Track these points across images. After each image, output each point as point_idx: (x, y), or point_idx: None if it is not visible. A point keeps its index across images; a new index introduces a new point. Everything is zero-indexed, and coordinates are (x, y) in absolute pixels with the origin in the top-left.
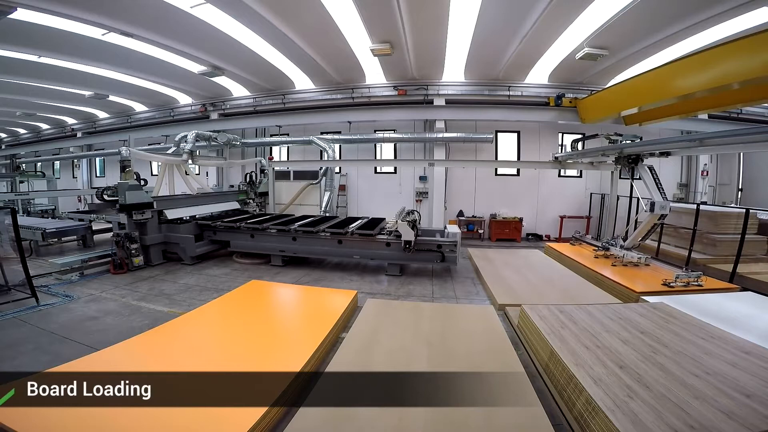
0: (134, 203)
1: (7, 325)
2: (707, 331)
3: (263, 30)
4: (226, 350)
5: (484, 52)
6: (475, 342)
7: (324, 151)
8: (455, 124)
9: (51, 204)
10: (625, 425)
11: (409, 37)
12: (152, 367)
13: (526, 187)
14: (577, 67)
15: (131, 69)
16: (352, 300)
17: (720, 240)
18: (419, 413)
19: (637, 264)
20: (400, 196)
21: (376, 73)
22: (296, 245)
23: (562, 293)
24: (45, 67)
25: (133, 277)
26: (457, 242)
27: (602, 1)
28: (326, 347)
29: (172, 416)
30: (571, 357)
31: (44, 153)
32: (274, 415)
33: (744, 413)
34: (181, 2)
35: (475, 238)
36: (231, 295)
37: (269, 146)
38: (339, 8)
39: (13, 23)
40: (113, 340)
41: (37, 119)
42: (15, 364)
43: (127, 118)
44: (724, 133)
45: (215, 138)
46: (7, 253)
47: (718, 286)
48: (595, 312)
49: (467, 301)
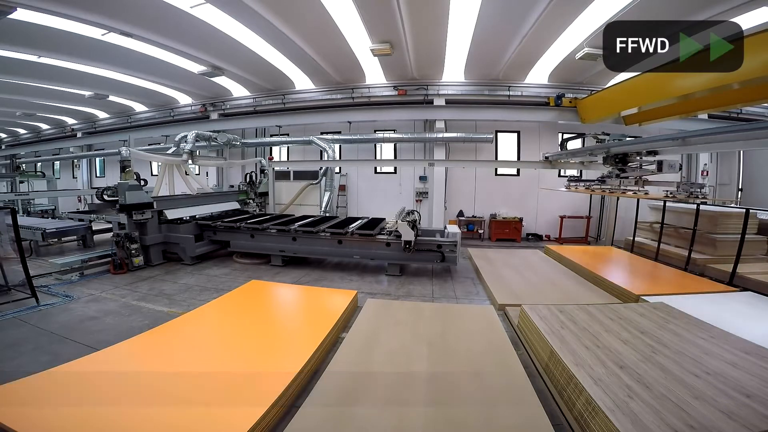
0: (134, 203)
1: (7, 325)
2: (707, 331)
3: (263, 30)
4: (226, 350)
5: (484, 52)
6: (475, 342)
7: (324, 151)
8: (455, 124)
9: (51, 204)
10: (625, 425)
11: (409, 37)
12: (152, 367)
13: (526, 187)
14: (577, 67)
15: (131, 69)
16: (352, 300)
17: (720, 240)
18: (419, 413)
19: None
20: (400, 196)
21: (376, 73)
22: (296, 245)
23: (562, 293)
24: (45, 67)
25: (133, 277)
26: (457, 242)
27: (602, 1)
28: (326, 347)
29: (172, 416)
30: (571, 357)
31: (44, 153)
32: (274, 415)
33: (744, 413)
34: (181, 2)
35: (475, 238)
36: (231, 295)
37: (269, 146)
38: (339, 8)
39: (13, 23)
40: (113, 340)
41: (37, 119)
42: (15, 364)
43: (127, 118)
44: (705, 131)
45: (215, 138)
46: (7, 253)
47: (718, 287)
48: (595, 312)
49: (467, 301)
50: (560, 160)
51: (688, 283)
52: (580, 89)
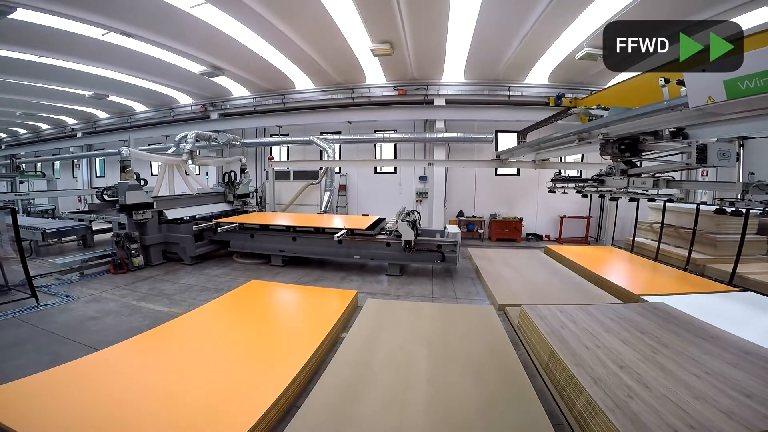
0: (134, 203)
1: (7, 325)
2: (707, 331)
3: (263, 30)
4: (226, 350)
5: (484, 52)
6: (475, 342)
7: (324, 151)
8: (455, 124)
9: (51, 204)
10: (625, 425)
11: (409, 37)
12: (152, 367)
13: (526, 187)
14: (577, 67)
15: (131, 69)
16: (352, 300)
17: (720, 240)
18: (419, 413)
19: None
20: (400, 196)
21: (376, 73)
22: (296, 245)
23: (562, 293)
24: (45, 67)
25: (133, 277)
26: (457, 242)
27: (602, 1)
28: (326, 347)
29: (172, 416)
30: (571, 357)
31: (44, 153)
32: (274, 415)
33: (744, 413)
34: (181, 2)
35: (475, 238)
36: (231, 295)
37: (269, 146)
38: (339, 8)
39: (13, 23)
40: (113, 340)
41: (37, 119)
42: (15, 364)
43: (127, 118)
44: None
45: (215, 138)
46: (7, 253)
47: (718, 287)
48: (595, 312)
49: (467, 301)
50: (518, 159)
51: (688, 283)
52: (580, 89)
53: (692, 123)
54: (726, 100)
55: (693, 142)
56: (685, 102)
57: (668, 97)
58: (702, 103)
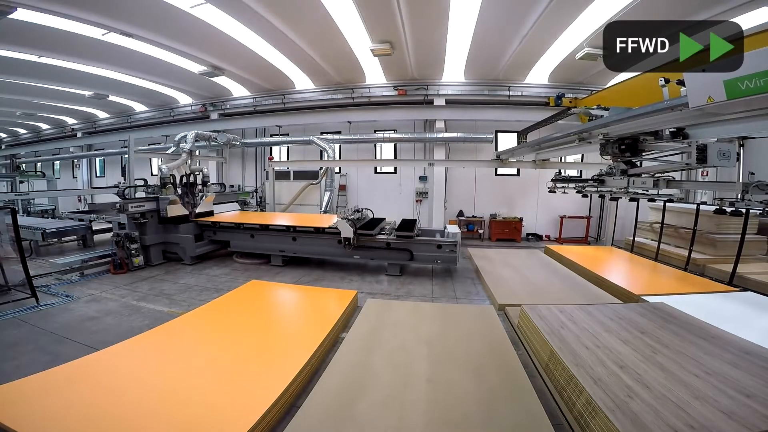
0: (174, 216)
1: (7, 325)
2: (707, 331)
3: (263, 30)
4: (226, 350)
5: (484, 52)
6: (475, 342)
7: (324, 151)
8: (455, 124)
9: (51, 204)
10: (625, 425)
11: (409, 37)
12: (152, 367)
13: (526, 187)
14: (577, 67)
15: (131, 69)
16: (352, 300)
17: (720, 240)
18: (419, 413)
19: None
20: (400, 196)
21: (376, 73)
22: (296, 245)
23: (562, 293)
24: (45, 67)
25: (133, 277)
26: (457, 242)
27: (602, 1)
28: (326, 347)
29: (172, 416)
30: (571, 357)
31: (44, 153)
32: (274, 415)
33: (744, 413)
34: (181, 2)
35: (475, 238)
36: (231, 295)
37: (269, 146)
38: (339, 8)
39: (13, 23)
40: (113, 340)
41: (37, 119)
42: (15, 364)
43: (127, 118)
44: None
45: (215, 138)
46: (7, 253)
47: (718, 287)
48: (595, 312)
49: (467, 301)
50: (518, 159)
51: (688, 283)
52: (580, 89)
53: (692, 123)
54: (726, 100)
55: (693, 142)
56: (685, 102)
57: (668, 97)
58: (702, 103)
